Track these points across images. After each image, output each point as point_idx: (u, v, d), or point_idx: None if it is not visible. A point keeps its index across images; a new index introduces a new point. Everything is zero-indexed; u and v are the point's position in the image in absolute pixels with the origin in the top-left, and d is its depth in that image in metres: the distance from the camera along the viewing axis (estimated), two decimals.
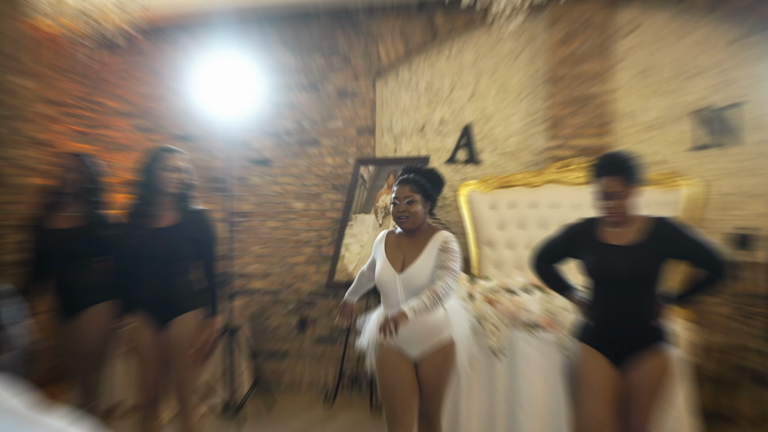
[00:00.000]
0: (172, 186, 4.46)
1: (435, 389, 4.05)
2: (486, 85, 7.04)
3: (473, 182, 6.68)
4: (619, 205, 3.62)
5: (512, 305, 5.10)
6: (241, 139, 7.63)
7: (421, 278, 3.93)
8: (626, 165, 3.64)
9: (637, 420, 3.66)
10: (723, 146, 6.32)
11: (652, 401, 3.65)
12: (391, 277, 4.01)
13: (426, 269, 3.93)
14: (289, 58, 7.55)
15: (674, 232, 3.62)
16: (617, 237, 3.68)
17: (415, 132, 7.26)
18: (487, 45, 7.02)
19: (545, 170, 6.51)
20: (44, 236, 4.73)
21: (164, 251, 4.39)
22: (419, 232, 4.04)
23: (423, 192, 4.00)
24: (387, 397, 4.04)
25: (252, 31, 7.62)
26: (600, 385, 3.63)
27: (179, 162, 4.50)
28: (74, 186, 4.75)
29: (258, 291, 7.71)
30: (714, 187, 6.31)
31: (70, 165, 4.76)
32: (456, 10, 6.88)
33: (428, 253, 3.96)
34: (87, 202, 4.78)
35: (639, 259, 3.60)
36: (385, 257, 4.07)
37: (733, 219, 6.27)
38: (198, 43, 7.80)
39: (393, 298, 4.02)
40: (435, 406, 4.11)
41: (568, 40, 6.59)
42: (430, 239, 3.99)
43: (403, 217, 3.98)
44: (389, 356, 4.06)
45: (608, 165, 3.66)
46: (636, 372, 3.63)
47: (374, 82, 7.34)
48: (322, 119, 7.47)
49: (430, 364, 4.00)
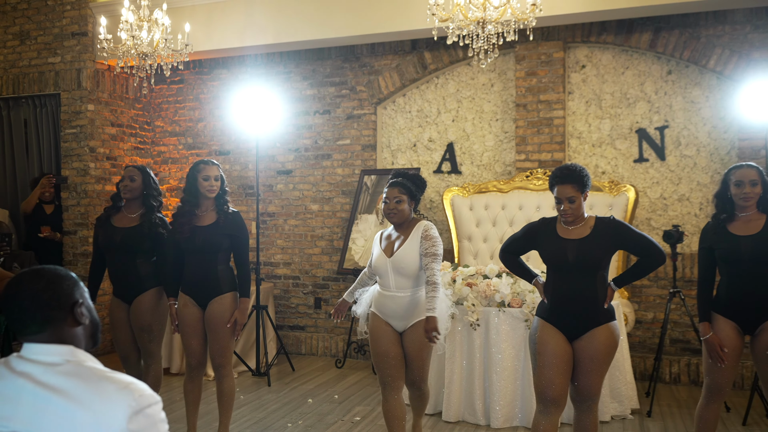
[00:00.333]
0: (209, 191, 4.44)
1: (417, 359, 4.07)
2: (466, 110, 7.09)
3: (455, 188, 6.72)
4: (573, 207, 3.60)
5: (487, 287, 5.15)
6: (269, 153, 7.69)
7: (407, 260, 4.00)
8: (578, 175, 3.60)
9: (586, 384, 3.62)
10: (654, 160, 6.42)
11: (600, 369, 3.60)
12: (383, 261, 4.08)
13: (411, 252, 4.00)
14: (307, 89, 7.60)
15: (615, 227, 3.60)
16: (570, 232, 3.65)
17: (408, 148, 7.33)
18: (467, 77, 7.08)
19: (513, 179, 6.57)
20: (108, 232, 4.69)
21: (204, 245, 4.39)
22: (405, 224, 4.11)
23: (409, 193, 4.07)
24: (379, 363, 4.11)
25: (277, 66, 7.69)
26: (554, 353, 3.58)
27: (214, 172, 4.48)
28: (135, 191, 4.72)
29: (281, 276, 7.77)
30: (649, 193, 6.42)
31: (132, 174, 4.73)
32: (441, 49, 6.95)
33: (412, 239, 4.02)
34: (145, 206, 4.74)
35: (587, 249, 3.56)
36: (380, 248, 4.15)
37: (665, 218, 6.37)
38: (232, 75, 7.88)
39: (385, 278, 4.09)
40: (419, 373, 4.13)
41: (531, 73, 6.67)
42: (413, 229, 4.06)
43: (392, 214, 4.06)
44: (379, 328, 4.13)
45: (564, 175, 3.62)
46: (585, 344, 3.58)
47: (376, 108, 7.39)
48: (333, 138, 7.53)
49: (413, 336, 4.04)
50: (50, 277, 1.80)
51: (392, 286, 4.07)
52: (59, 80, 7.46)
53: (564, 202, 3.61)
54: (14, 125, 7.86)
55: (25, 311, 1.75)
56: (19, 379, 1.70)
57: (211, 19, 7.09)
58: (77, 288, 1.84)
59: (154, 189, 4.79)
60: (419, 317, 4.03)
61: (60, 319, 1.78)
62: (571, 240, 3.62)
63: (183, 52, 6.13)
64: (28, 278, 1.79)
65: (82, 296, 1.84)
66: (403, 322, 4.09)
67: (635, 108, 6.50)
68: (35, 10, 7.58)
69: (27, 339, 1.77)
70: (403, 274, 4.03)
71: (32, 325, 1.75)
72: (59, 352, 1.75)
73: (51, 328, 1.76)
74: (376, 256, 4.16)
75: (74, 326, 1.80)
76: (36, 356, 1.74)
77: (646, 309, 6.36)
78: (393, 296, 4.08)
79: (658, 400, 5.64)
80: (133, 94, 7.98)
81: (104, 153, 7.51)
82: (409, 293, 4.05)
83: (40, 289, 1.76)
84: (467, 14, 4.94)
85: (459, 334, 5.18)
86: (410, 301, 4.05)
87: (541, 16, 5.60)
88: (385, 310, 4.13)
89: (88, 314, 1.85)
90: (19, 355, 1.77)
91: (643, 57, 6.48)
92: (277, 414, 5.49)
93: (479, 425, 5.11)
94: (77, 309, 1.81)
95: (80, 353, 1.78)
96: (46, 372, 1.70)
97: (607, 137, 6.58)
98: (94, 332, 1.88)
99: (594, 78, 6.62)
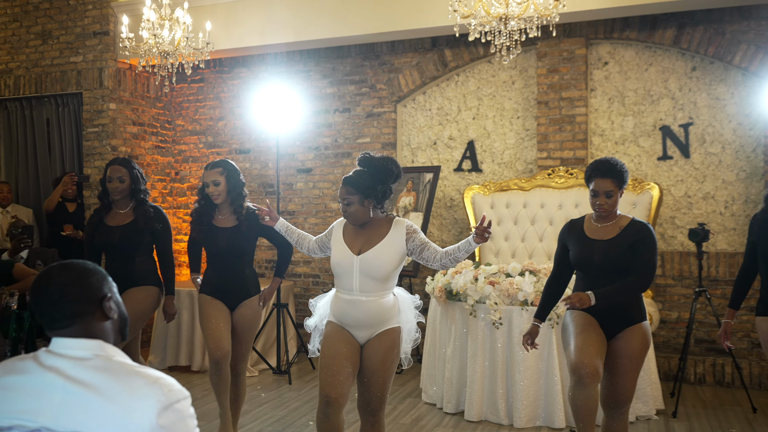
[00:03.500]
0: (213, 197, 4.29)
1: (377, 374, 3.45)
2: (486, 107, 7.06)
3: (476, 187, 6.69)
4: (610, 203, 3.54)
5: (509, 286, 5.10)
6: (289, 152, 7.69)
7: (381, 261, 3.41)
8: (619, 170, 3.55)
9: (623, 386, 3.55)
10: (678, 158, 6.35)
11: (636, 369, 3.56)
12: (348, 260, 3.45)
13: (388, 254, 3.42)
14: (327, 87, 7.59)
15: (641, 232, 3.52)
16: (598, 233, 3.59)
17: (428, 146, 7.30)
18: (487, 75, 7.05)
19: (535, 177, 6.52)
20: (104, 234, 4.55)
21: (227, 248, 4.28)
22: (373, 223, 3.51)
23: (360, 192, 3.42)
24: (325, 367, 3.43)
25: (297, 64, 7.69)
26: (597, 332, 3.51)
27: (212, 177, 4.27)
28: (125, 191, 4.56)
29: (301, 275, 7.77)
30: (673, 191, 6.35)
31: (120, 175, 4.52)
32: (462, 46, 6.92)
33: (391, 239, 3.45)
34: (134, 199, 4.59)
35: (612, 251, 3.51)
36: (342, 241, 3.53)
37: (690, 216, 6.30)
38: (253, 74, 7.88)
39: (347, 279, 3.47)
40: (377, 394, 3.49)
41: (553, 70, 6.63)
42: (389, 228, 3.48)
43: (346, 215, 3.50)
44: (335, 332, 3.52)
45: (605, 169, 3.56)
46: (623, 344, 3.54)
47: (396, 106, 7.37)
48: (353, 136, 7.52)
49: (375, 347, 3.46)
50: (79, 271, 1.79)
51: (355, 289, 3.45)
52: (81, 79, 7.50)
53: (601, 196, 3.56)
54: (37, 124, 7.91)
55: (54, 305, 1.74)
56: (49, 374, 1.69)
57: (231, 18, 7.10)
58: (106, 282, 1.83)
59: (142, 180, 4.62)
60: (386, 326, 3.48)
61: (88, 313, 1.77)
62: (598, 241, 3.57)
63: (204, 50, 6.13)
64: (57, 272, 1.78)
65: (111, 290, 1.84)
66: (367, 332, 3.49)
67: (659, 105, 6.43)
68: (57, 9, 7.62)
69: (55, 333, 1.76)
70: (371, 276, 3.43)
71: (61, 319, 1.75)
72: (88, 347, 1.74)
73: (79, 322, 1.75)
74: (338, 250, 3.54)
75: (103, 320, 1.80)
76: (65, 351, 1.73)
77: (671, 308, 6.29)
78: (355, 301, 3.46)
79: (683, 401, 5.57)
80: (154, 93, 8.01)
81: (126, 152, 7.54)
82: (374, 297, 3.45)
83: (68, 283, 1.76)
84: (489, 10, 4.90)
85: (481, 332, 5.15)
86: (376, 307, 3.45)
87: (564, 12, 5.54)
88: (345, 318, 3.51)
89: (117, 309, 1.84)
90: (48, 349, 1.76)
91: (666, 53, 6.41)
92: (298, 412, 5.48)
93: (502, 425, 5.07)
94: (106, 303, 1.80)
95: (109, 348, 1.77)
96: (76, 366, 1.69)
97: (631, 135, 6.52)
98: (122, 327, 1.87)
99: (617, 75, 6.56)
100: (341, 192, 3.48)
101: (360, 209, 3.44)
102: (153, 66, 6.42)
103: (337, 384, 3.37)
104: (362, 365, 3.50)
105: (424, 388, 5.72)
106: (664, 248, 6.37)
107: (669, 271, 6.31)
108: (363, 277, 3.43)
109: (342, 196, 3.47)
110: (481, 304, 5.15)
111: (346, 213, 3.48)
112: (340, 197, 3.49)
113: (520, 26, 4.97)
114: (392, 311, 3.50)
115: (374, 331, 3.48)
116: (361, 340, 3.52)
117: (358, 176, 3.46)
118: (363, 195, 3.42)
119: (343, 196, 3.47)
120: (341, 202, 3.49)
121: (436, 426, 5.10)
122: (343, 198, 3.47)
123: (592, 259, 3.55)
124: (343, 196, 3.47)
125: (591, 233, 3.62)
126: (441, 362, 5.49)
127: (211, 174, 4.28)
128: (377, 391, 3.48)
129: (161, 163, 8.10)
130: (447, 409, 5.34)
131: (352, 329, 3.51)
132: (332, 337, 3.51)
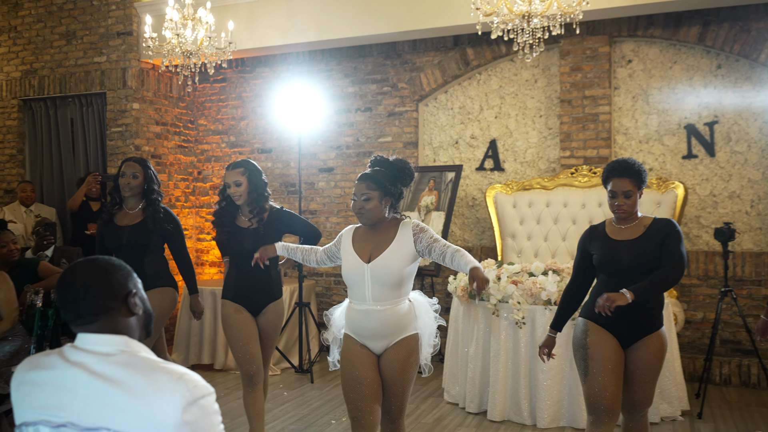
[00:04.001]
0: (235, 198, 4.16)
1: (396, 384, 3.35)
2: (509, 106, 7.02)
3: (498, 186, 6.65)
4: (629, 203, 3.45)
5: (533, 285, 5.06)
6: (310, 151, 7.69)
7: (391, 266, 3.28)
8: (637, 169, 3.46)
9: (642, 395, 3.46)
10: (703, 157, 6.28)
11: (655, 377, 3.48)
12: (359, 268, 3.32)
13: (397, 258, 3.29)
14: (349, 86, 7.59)
15: (668, 227, 3.42)
16: (622, 233, 3.49)
17: (450, 145, 7.27)
18: (509, 73, 7.01)
19: (558, 176, 6.48)
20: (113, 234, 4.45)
21: (252, 249, 4.02)
22: (383, 226, 3.39)
23: (381, 188, 3.31)
24: (349, 392, 3.36)
25: (318, 63, 7.69)
26: (608, 358, 3.38)
27: (235, 177, 4.14)
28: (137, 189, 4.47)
29: (323, 274, 7.76)
30: (698, 190, 6.28)
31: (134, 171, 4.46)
32: (484, 44, 6.89)
33: (399, 242, 3.32)
34: (146, 199, 4.49)
35: (641, 250, 3.40)
36: (352, 249, 3.40)
37: (715, 216, 6.23)
38: (275, 73, 7.90)
39: (359, 289, 3.34)
40: (397, 403, 3.39)
41: (576, 69, 6.58)
42: (397, 230, 3.35)
43: (360, 213, 3.35)
44: (352, 351, 3.39)
45: (623, 168, 3.47)
46: (641, 354, 3.43)
47: (417, 105, 7.35)
48: (375, 135, 7.51)
49: (392, 357, 3.34)
50: (104, 266, 1.79)
51: (368, 298, 3.32)
52: (105, 79, 7.55)
53: (619, 197, 3.46)
54: (61, 124, 7.98)
55: (80, 300, 1.74)
56: (74, 369, 1.70)
57: (253, 17, 7.11)
58: (131, 278, 1.83)
59: (155, 182, 4.54)
60: (403, 334, 3.36)
61: (114, 309, 1.77)
62: (624, 241, 3.47)
63: (226, 50, 6.14)
64: (83, 268, 1.78)
65: (136, 286, 1.84)
66: (383, 342, 3.36)
67: (683, 103, 6.36)
68: (81, 10, 7.68)
69: (81, 329, 1.76)
70: (384, 284, 3.29)
71: (86, 314, 1.75)
72: (113, 342, 1.74)
73: (105, 317, 1.75)
74: (348, 259, 3.42)
75: (128, 316, 1.79)
76: (90, 346, 1.73)
77: (696, 309, 6.21)
78: (369, 311, 3.33)
79: (709, 402, 5.50)
80: (176, 93, 8.05)
81: (149, 151, 7.58)
82: (389, 306, 3.31)
83: (94, 279, 1.76)
84: (512, 8, 4.86)
85: (504, 332, 5.12)
86: (391, 316, 3.31)
87: (588, 9, 5.50)
88: (360, 329, 3.38)
89: (142, 305, 1.84)
90: (73, 345, 1.76)
91: (691, 51, 6.34)
92: (321, 411, 5.48)
93: (525, 425, 5.03)
94: (131, 299, 1.80)
95: (134, 343, 1.77)
96: (101, 362, 1.69)
97: (655, 133, 6.45)
98: (147, 323, 1.87)
99: (641, 73, 6.50)
100: (359, 188, 3.33)
101: (377, 207, 3.32)
102: (176, 66, 6.44)
103: (366, 410, 3.32)
104: (381, 376, 3.37)
105: (446, 387, 5.70)
106: (689, 248, 6.30)
107: (694, 271, 6.23)
108: (375, 285, 3.29)
109: (361, 192, 3.32)
110: (504, 304, 5.12)
111: (363, 210, 3.32)
112: (358, 193, 3.33)
113: (543, 24, 4.93)
114: (408, 318, 3.37)
115: (391, 340, 3.35)
116: (377, 350, 3.39)
117: (378, 174, 3.35)
118: (383, 192, 3.32)
119: (362, 192, 3.32)
120: (358, 198, 3.33)
121: (459, 426, 5.08)
122: (362, 193, 3.32)
123: (620, 260, 3.44)
124: (362, 192, 3.32)
125: (615, 235, 3.52)
126: (463, 362, 5.46)
127: (232, 174, 4.15)
128: (397, 401, 3.39)
129: (184, 163, 8.14)
130: (469, 409, 5.32)
131: (368, 341, 3.38)
132: (350, 360, 3.39)
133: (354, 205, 3.36)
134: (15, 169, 8.11)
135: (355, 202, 3.35)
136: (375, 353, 3.39)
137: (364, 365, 3.34)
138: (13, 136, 8.12)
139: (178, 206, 7.99)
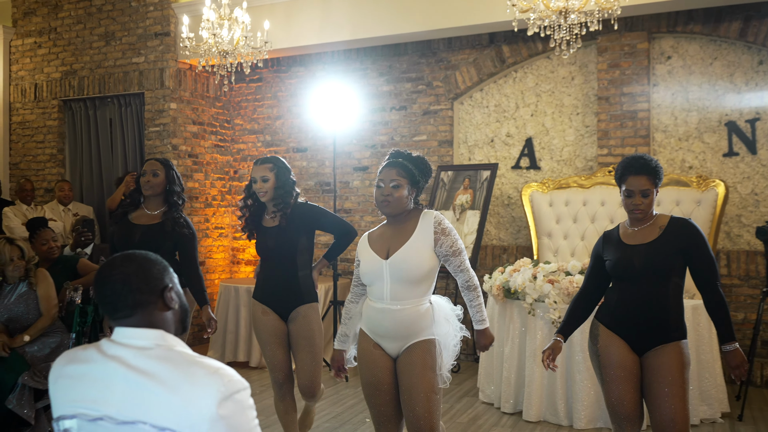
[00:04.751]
0: (260, 194, 3.91)
1: (416, 389, 3.09)
2: (545, 104, 6.96)
3: (534, 184, 6.59)
4: (646, 202, 3.25)
5: (569, 284, 5.00)
6: (345, 150, 7.69)
7: (412, 261, 3.11)
8: (654, 167, 3.26)
9: (667, 412, 3.14)
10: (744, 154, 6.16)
11: (679, 392, 3.16)
12: (378, 265, 3.16)
13: (418, 251, 3.13)
14: (383, 85, 7.58)
15: (689, 228, 3.22)
16: (635, 237, 3.30)
17: (485, 143, 7.23)
18: (546, 71, 6.95)
19: (595, 174, 6.40)
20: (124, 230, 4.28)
21: (275, 248, 3.91)
22: (403, 217, 3.23)
23: (410, 177, 3.19)
24: (370, 398, 3.26)
25: (353, 62, 7.70)
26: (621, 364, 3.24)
27: (263, 172, 3.90)
28: (157, 188, 4.31)
29: None
30: (739, 188, 6.16)
31: (155, 169, 4.32)
32: (520, 41, 6.84)
33: (419, 234, 3.16)
34: (167, 203, 4.35)
35: (656, 253, 3.20)
36: (369, 249, 3.25)
37: (756, 215, 6.10)
38: (310, 72, 7.92)
39: (377, 287, 3.18)
40: (423, 413, 3.08)
41: (614, 65, 6.49)
42: (417, 222, 3.20)
43: (386, 202, 3.17)
44: (367, 352, 3.25)
45: (640, 165, 3.26)
46: (655, 363, 3.21)
47: (452, 103, 7.32)
48: (410, 134, 7.49)
49: (407, 361, 3.15)
50: (141, 261, 1.81)
51: (387, 296, 3.15)
52: (143, 80, 7.64)
53: (636, 196, 3.26)
54: (100, 124, 8.10)
55: (117, 295, 1.76)
56: (111, 363, 1.71)
57: (289, 17, 7.14)
58: (167, 273, 1.85)
59: (178, 184, 4.38)
60: (417, 338, 3.16)
61: (150, 303, 1.78)
62: (637, 245, 3.28)
63: (262, 49, 6.17)
64: (120, 262, 1.81)
65: (172, 281, 1.85)
66: (397, 344, 3.19)
67: (724, 100, 6.23)
68: (119, 11, 7.78)
69: (118, 323, 1.79)
70: (404, 281, 3.13)
71: (123, 308, 1.77)
72: (150, 336, 1.75)
73: (141, 312, 1.77)
74: (366, 259, 3.24)
75: (164, 311, 1.81)
76: (127, 340, 1.75)
77: (737, 309, 6.08)
78: (386, 310, 3.16)
79: (749, 404, 5.38)
80: (213, 93, 8.11)
81: (186, 150, 7.65)
82: (408, 306, 3.14)
83: (131, 273, 1.78)
84: (549, 4, 4.82)
85: (540, 331, 5.07)
86: (407, 317, 3.14)
87: (626, 5, 5.44)
88: (376, 327, 3.22)
89: (178, 299, 1.86)
90: (111, 339, 1.78)
91: (732, 47, 6.21)
92: (355, 409, 5.47)
93: (561, 425, 4.98)
94: (167, 294, 1.82)
95: (170, 338, 1.79)
96: (137, 356, 1.71)
97: (695, 130, 6.34)
98: (183, 317, 1.89)
99: (680, 69, 6.39)
100: (388, 174, 3.19)
101: (405, 195, 3.17)
102: (212, 66, 6.51)
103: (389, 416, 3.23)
104: (398, 383, 3.19)
105: (481, 387, 5.66)
106: (729, 247, 6.18)
107: (735, 271, 6.11)
108: (395, 282, 3.13)
109: (390, 178, 3.17)
110: (540, 303, 5.07)
111: (390, 198, 3.16)
112: (386, 179, 3.18)
113: (580, 20, 4.87)
114: (425, 321, 3.17)
115: (405, 343, 3.17)
116: (392, 352, 3.23)
117: (407, 162, 3.24)
118: (411, 182, 3.19)
119: (392, 177, 3.17)
120: (386, 184, 3.18)
121: (494, 425, 5.04)
122: (391, 179, 3.17)
123: (632, 265, 3.26)
124: (392, 177, 3.17)
125: (628, 239, 3.34)
126: (499, 361, 5.42)
127: (260, 169, 3.92)
128: (421, 410, 3.09)
129: (220, 162, 8.20)
130: (505, 409, 5.28)
131: (382, 340, 3.22)
132: (366, 363, 3.27)
133: (380, 192, 3.20)
134: (55, 169, 8.26)
135: (381, 189, 3.20)
136: (390, 355, 3.24)
137: (381, 370, 3.21)
138: (53, 136, 8.26)
139: (214, 205, 8.05)
